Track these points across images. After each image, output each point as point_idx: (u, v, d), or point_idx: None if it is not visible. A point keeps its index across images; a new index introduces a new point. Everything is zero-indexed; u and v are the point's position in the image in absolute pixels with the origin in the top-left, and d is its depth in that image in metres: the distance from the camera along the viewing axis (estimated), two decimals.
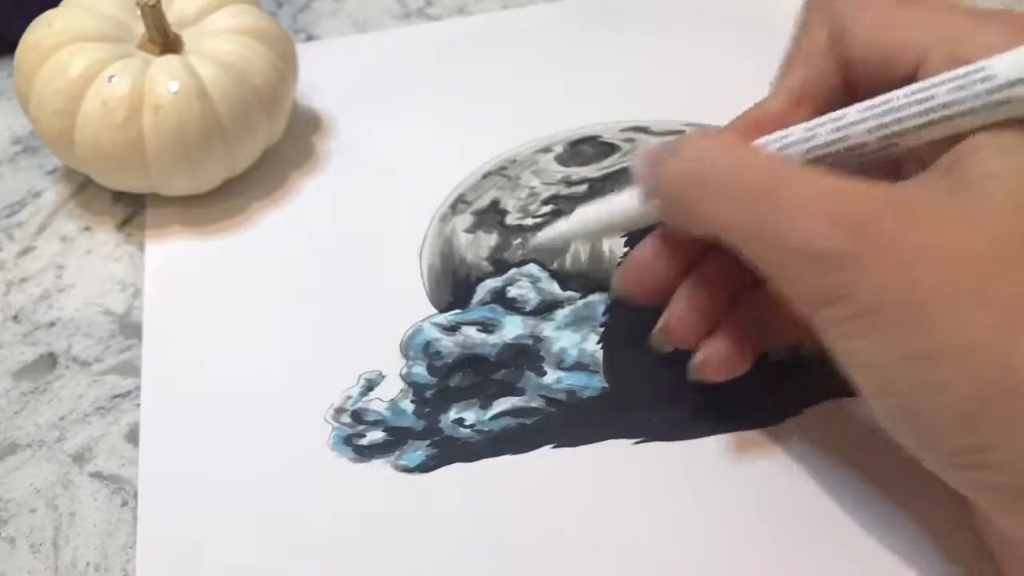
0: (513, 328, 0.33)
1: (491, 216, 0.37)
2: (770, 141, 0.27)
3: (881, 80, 0.26)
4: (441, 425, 0.31)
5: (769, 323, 0.29)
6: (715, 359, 0.28)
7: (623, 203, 0.29)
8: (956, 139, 0.23)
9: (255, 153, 0.37)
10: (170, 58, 0.35)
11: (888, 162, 0.26)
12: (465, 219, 0.37)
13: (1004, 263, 0.21)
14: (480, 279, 0.35)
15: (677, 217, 0.27)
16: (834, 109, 0.26)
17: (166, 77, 0.34)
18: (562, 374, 0.32)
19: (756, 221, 0.24)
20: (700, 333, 0.28)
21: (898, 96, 0.24)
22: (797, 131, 0.26)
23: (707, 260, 0.28)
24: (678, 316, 0.28)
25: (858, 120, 0.25)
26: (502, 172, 0.38)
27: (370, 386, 0.32)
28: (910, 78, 0.25)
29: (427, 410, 0.31)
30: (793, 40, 0.28)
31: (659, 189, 0.27)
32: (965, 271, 0.21)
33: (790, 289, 0.24)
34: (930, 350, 0.21)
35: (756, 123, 0.28)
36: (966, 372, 0.21)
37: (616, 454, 0.30)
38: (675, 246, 0.28)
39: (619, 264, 0.34)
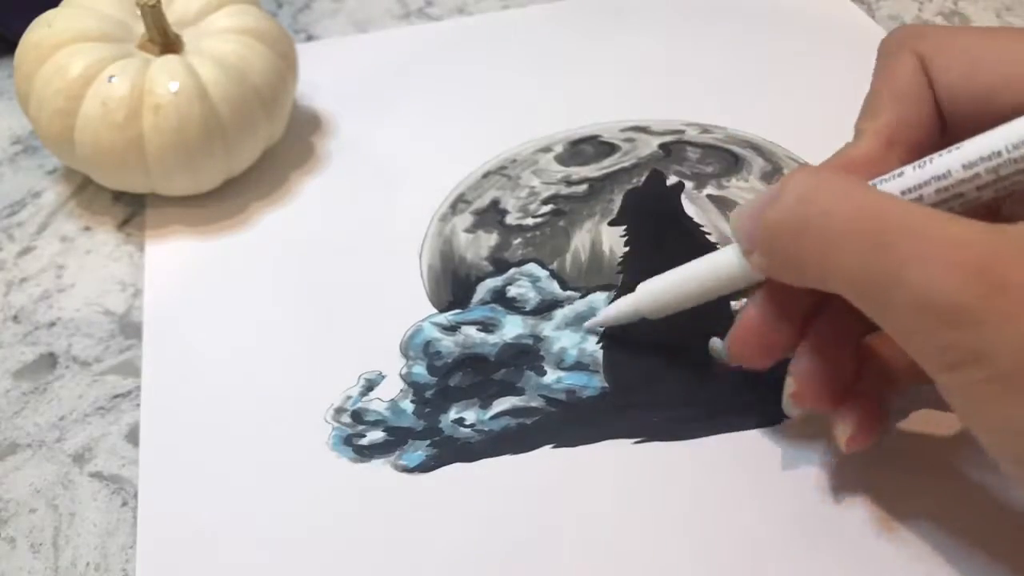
0: (513, 328, 0.33)
1: (491, 216, 0.37)
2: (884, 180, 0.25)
3: (977, 116, 0.24)
4: (441, 425, 0.31)
5: (893, 368, 0.27)
6: (857, 435, 0.27)
7: (719, 265, 0.27)
8: None
9: (255, 153, 0.38)
10: (170, 58, 0.35)
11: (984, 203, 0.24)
12: (465, 219, 0.37)
13: None
14: (480, 279, 0.35)
15: (784, 271, 0.24)
16: (928, 150, 0.24)
17: (166, 77, 0.34)
18: (562, 374, 0.32)
19: (874, 270, 0.21)
20: (831, 397, 0.27)
21: (1008, 147, 0.22)
22: (908, 172, 0.24)
23: (823, 315, 0.27)
24: (803, 381, 0.26)
25: (966, 177, 0.23)
26: (502, 172, 0.38)
27: (370, 386, 0.32)
28: (1008, 114, 0.23)
29: (427, 410, 0.31)
30: (876, 76, 0.27)
31: (762, 241, 0.24)
32: None
33: (913, 347, 0.22)
34: None
35: (845, 169, 0.26)
36: None
37: (616, 454, 0.30)
38: (784, 304, 0.26)
39: (620, 263, 0.34)
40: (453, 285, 0.34)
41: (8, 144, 0.41)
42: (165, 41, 0.36)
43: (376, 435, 0.30)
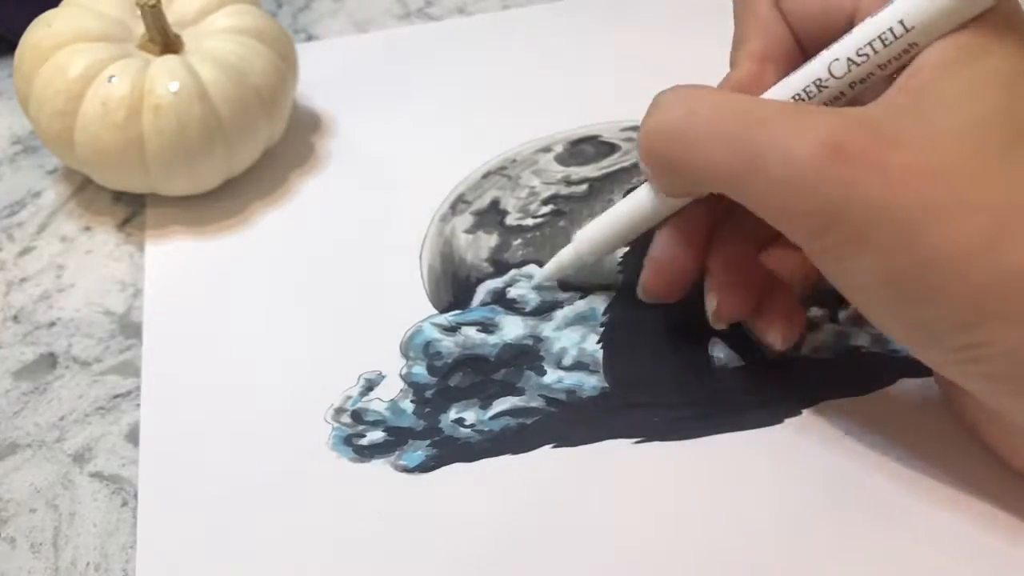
0: (513, 328, 0.33)
1: (491, 216, 0.37)
2: None
3: (826, 30, 0.27)
4: (441, 425, 0.31)
5: (786, 277, 0.30)
6: (784, 334, 0.30)
7: (638, 198, 0.30)
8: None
9: (255, 153, 0.37)
10: (170, 58, 0.35)
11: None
12: (465, 219, 0.37)
13: (977, 174, 0.22)
14: (480, 280, 0.35)
15: (665, 179, 0.27)
16: (795, 67, 0.27)
17: (166, 77, 0.34)
18: (562, 374, 0.32)
19: (737, 160, 0.24)
20: (748, 306, 0.30)
21: (851, 44, 0.25)
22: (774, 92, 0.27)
23: (723, 236, 0.29)
24: (725, 298, 0.29)
25: (830, 72, 0.26)
26: (502, 172, 0.38)
27: (370, 386, 0.32)
28: (850, 24, 0.26)
29: (427, 410, 0.31)
30: (737, 14, 0.30)
31: (643, 153, 0.27)
32: (944, 185, 0.22)
33: (783, 225, 0.25)
34: (923, 262, 0.23)
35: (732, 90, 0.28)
36: (959, 279, 0.22)
37: (616, 454, 0.30)
38: (686, 234, 0.29)
39: (620, 263, 0.34)
40: (453, 286, 0.34)
41: (8, 144, 0.41)
42: (165, 41, 0.36)
43: (376, 435, 0.30)
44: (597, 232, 0.31)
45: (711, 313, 0.30)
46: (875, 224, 0.23)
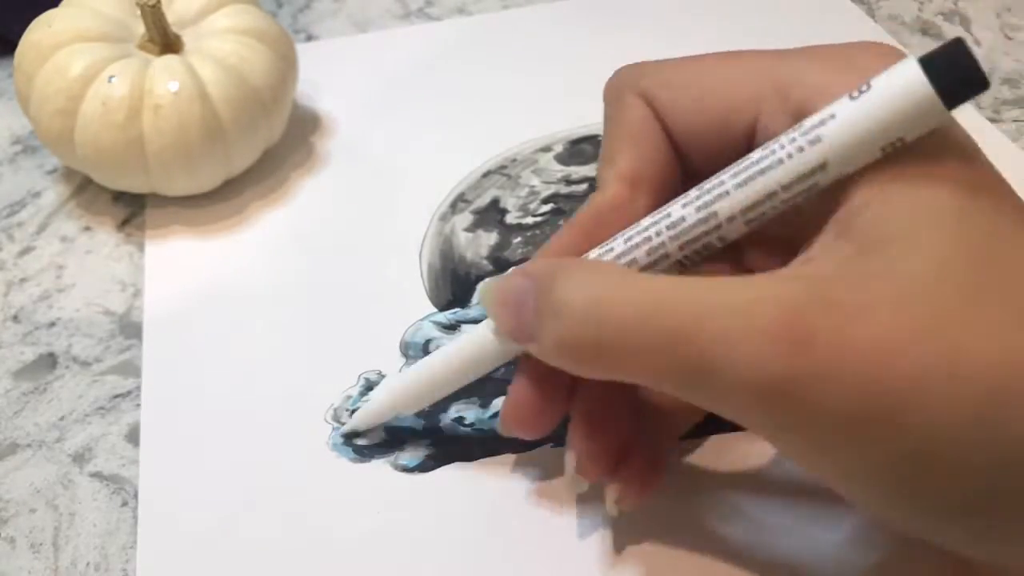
0: None
1: (491, 215, 0.37)
2: (601, 255, 0.24)
3: (712, 145, 0.24)
4: (441, 424, 0.31)
5: (663, 428, 0.27)
6: (630, 494, 0.26)
7: (479, 348, 0.26)
8: (830, 194, 0.21)
9: (255, 153, 0.38)
10: (170, 58, 0.35)
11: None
12: (465, 218, 0.37)
13: (958, 333, 0.19)
14: (480, 278, 0.35)
15: (580, 371, 0.23)
16: (671, 187, 0.24)
17: (166, 77, 0.34)
18: None
19: (684, 366, 0.20)
20: (613, 463, 0.26)
21: (734, 173, 0.22)
22: (633, 238, 0.23)
23: (586, 386, 0.26)
24: (586, 458, 0.26)
25: (688, 215, 0.23)
26: (502, 171, 0.38)
27: (370, 386, 0.32)
28: (740, 139, 0.23)
29: (427, 409, 0.31)
30: (607, 124, 0.26)
31: (549, 354, 0.23)
32: (925, 353, 0.19)
33: (745, 423, 0.21)
34: (913, 449, 0.19)
35: (595, 222, 0.25)
36: (958, 463, 0.19)
37: None
38: (551, 375, 0.25)
39: None
40: (453, 284, 0.34)
41: (8, 144, 0.41)
42: (165, 41, 0.36)
43: (376, 435, 0.30)
44: (417, 382, 0.28)
45: (571, 472, 0.26)
46: (854, 416, 0.19)
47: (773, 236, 0.24)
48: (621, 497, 0.26)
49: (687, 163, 0.25)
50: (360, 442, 0.30)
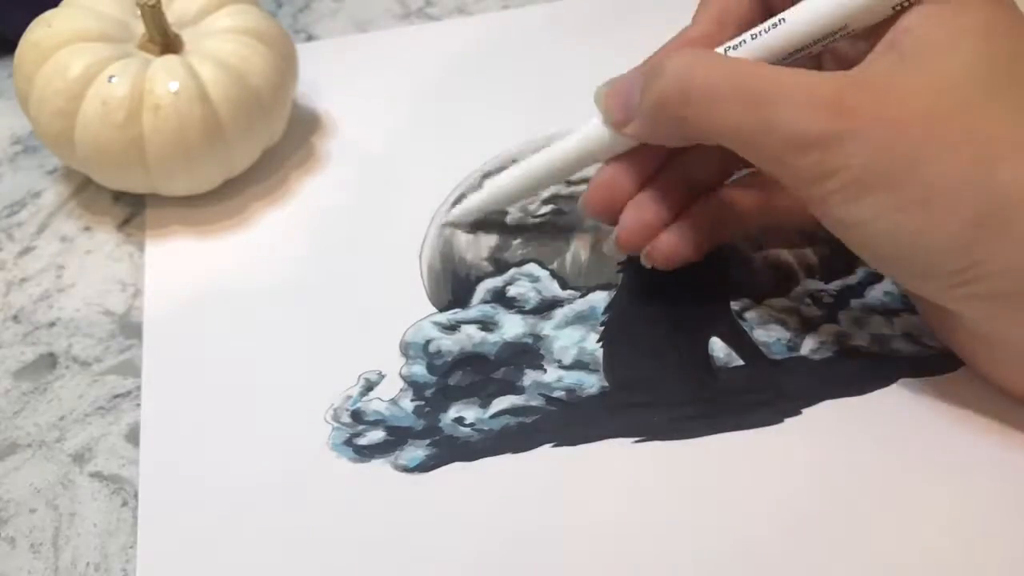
0: (513, 327, 0.33)
1: (491, 216, 0.37)
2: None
3: None
4: (441, 424, 0.31)
5: (723, 220, 0.32)
6: (660, 248, 0.31)
7: (587, 140, 0.32)
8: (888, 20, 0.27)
9: (255, 153, 0.37)
10: (170, 58, 0.35)
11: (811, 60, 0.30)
12: None
13: (962, 114, 0.25)
14: (480, 278, 0.35)
15: (667, 135, 0.30)
16: (754, 26, 0.29)
17: (166, 77, 0.34)
18: (562, 373, 0.32)
19: (750, 122, 0.27)
20: (647, 239, 0.31)
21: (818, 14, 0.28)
22: (744, 40, 0.29)
23: (660, 173, 0.31)
24: (627, 227, 0.31)
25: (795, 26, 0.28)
26: (502, 171, 0.38)
27: (370, 386, 0.32)
28: None
29: (427, 409, 0.31)
30: None
31: (647, 112, 0.29)
32: (933, 127, 0.25)
33: (785, 175, 0.27)
34: (918, 197, 0.25)
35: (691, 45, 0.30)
36: (954, 209, 0.25)
37: (616, 454, 0.30)
38: (634, 164, 0.31)
39: (619, 263, 0.35)
40: (453, 285, 0.34)
41: (8, 144, 0.41)
42: (165, 41, 0.36)
43: (376, 435, 0.30)
44: (543, 163, 0.33)
45: (612, 241, 0.32)
46: (874, 169, 0.25)
47: (848, 55, 0.29)
48: (649, 253, 0.31)
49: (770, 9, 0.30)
50: (360, 442, 0.30)
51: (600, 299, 0.34)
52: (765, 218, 0.33)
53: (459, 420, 0.31)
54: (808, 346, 0.32)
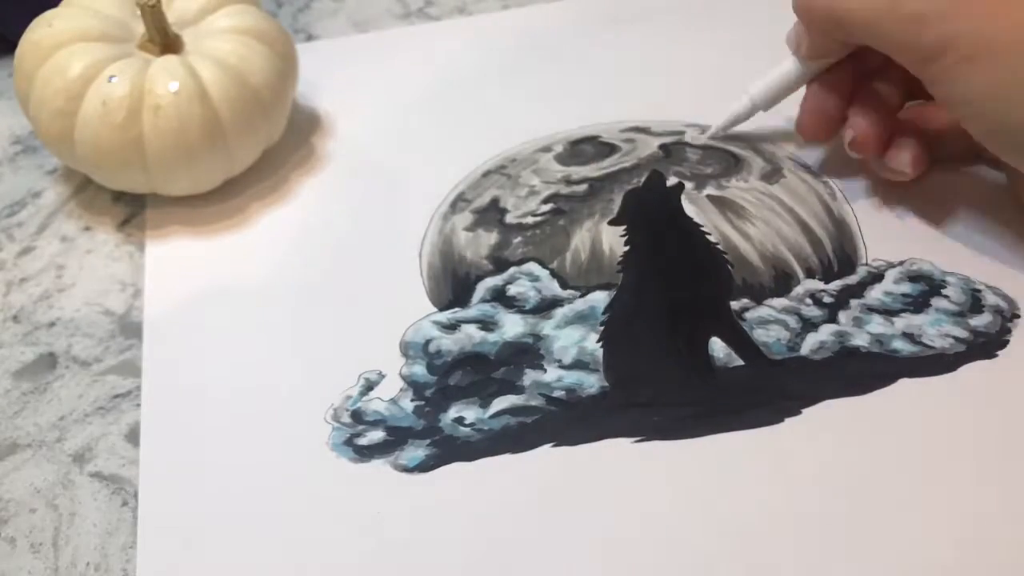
0: (513, 326, 0.33)
1: (491, 214, 0.37)
2: None
3: None
4: (441, 424, 0.31)
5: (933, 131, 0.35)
6: (912, 156, 0.34)
7: (788, 67, 0.36)
8: None
9: (255, 153, 0.37)
10: (170, 58, 0.35)
11: None
12: (465, 217, 0.37)
13: None
14: (480, 277, 0.35)
15: (829, 43, 0.34)
16: None
17: (166, 77, 0.34)
18: (562, 372, 0.32)
19: (879, 6, 0.31)
20: (879, 144, 0.35)
21: None
22: None
23: (862, 91, 0.35)
24: (861, 133, 0.34)
25: None
26: (502, 171, 0.38)
27: (370, 386, 0.32)
28: None
29: (427, 409, 0.31)
30: None
31: (802, 27, 0.34)
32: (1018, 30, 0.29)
33: (907, 55, 0.31)
34: (1008, 78, 0.29)
35: None
36: None
37: (616, 453, 0.30)
38: (834, 84, 0.35)
39: (620, 263, 0.35)
40: (453, 284, 0.34)
41: (8, 144, 0.41)
42: (165, 41, 0.36)
43: (376, 435, 0.30)
44: (768, 86, 0.37)
45: (848, 142, 0.35)
46: (981, 47, 0.29)
47: None
48: (910, 157, 0.35)
49: None
50: (360, 442, 0.30)
51: (600, 299, 0.34)
52: (930, 142, 0.35)
53: (459, 420, 0.31)
54: (808, 346, 0.32)
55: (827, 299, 0.33)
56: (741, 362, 0.32)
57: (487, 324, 0.33)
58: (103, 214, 0.38)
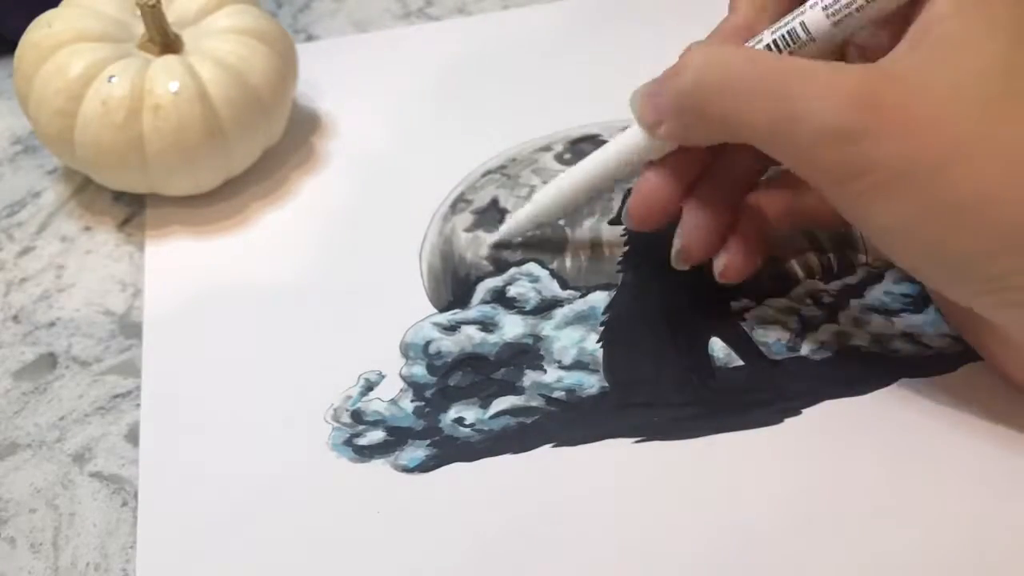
0: (513, 327, 0.33)
1: (491, 215, 0.37)
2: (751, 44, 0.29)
3: None
4: (441, 424, 0.31)
5: (769, 224, 0.31)
6: (733, 265, 0.30)
7: (624, 148, 0.31)
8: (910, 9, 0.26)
9: (255, 153, 0.38)
10: (170, 58, 0.35)
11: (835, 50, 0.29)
12: (465, 218, 0.37)
13: (996, 121, 0.24)
14: (480, 278, 0.35)
15: (695, 132, 0.29)
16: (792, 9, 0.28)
17: (166, 77, 0.34)
18: (562, 373, 0.32)
19: (776, 115, 0.26)
20: (713, 247, 0.31)
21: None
22: (767, 35, 0.28)
23: (703, 180, 0.31)
24: (691, 236, 0.30)
25: (816, 13, 0.27)
26: (502, 171, 0.38)
27: (370, 386, 0.32)
28: None
29: (427, 409, 0.31)
30: None
31: (673, 109, 0.28)
32: (967, 132, 0.24)
33: (815, 173, 0.26)
34: (948, 204, 0.24)
35: (730, 35, 0.30)
36: (982, 217, 0.24)
37: (616, 454, 0.30)
38: (673, 172, 0.30)
39: (620, 263, 0.35)
40: (453, 285, 0.34)
41: (8, 144, 0.41)
42: (165, 41, 0.36)
43: (376, 435, 0.30)
44: (586, 173, 0.32)
45: (675, 253, 0.31)
46: (902, 171, 0.24)
47: (871, 47, 0.29)
48: (724, 271, 0.31)
49: None
50: (360, 442, 0.30)
51: (600, 299, 0.34)
52: (794, 221, 0.32)
53: (459, 420, 0.31)
54: (808, 346, 0.32)
55: (827, 299, 0.33)
56: (741, 362, 0.32)
57: (487, 325, 0.33)
58: (103, 214, 0.38)
